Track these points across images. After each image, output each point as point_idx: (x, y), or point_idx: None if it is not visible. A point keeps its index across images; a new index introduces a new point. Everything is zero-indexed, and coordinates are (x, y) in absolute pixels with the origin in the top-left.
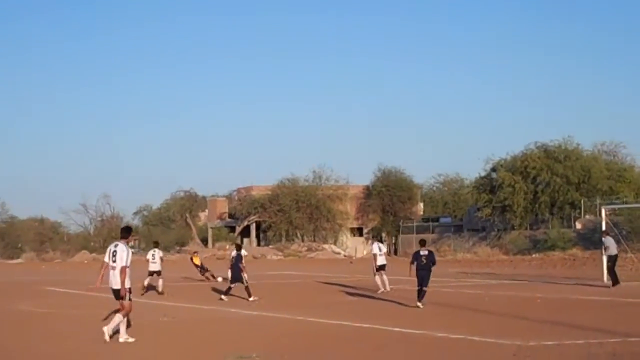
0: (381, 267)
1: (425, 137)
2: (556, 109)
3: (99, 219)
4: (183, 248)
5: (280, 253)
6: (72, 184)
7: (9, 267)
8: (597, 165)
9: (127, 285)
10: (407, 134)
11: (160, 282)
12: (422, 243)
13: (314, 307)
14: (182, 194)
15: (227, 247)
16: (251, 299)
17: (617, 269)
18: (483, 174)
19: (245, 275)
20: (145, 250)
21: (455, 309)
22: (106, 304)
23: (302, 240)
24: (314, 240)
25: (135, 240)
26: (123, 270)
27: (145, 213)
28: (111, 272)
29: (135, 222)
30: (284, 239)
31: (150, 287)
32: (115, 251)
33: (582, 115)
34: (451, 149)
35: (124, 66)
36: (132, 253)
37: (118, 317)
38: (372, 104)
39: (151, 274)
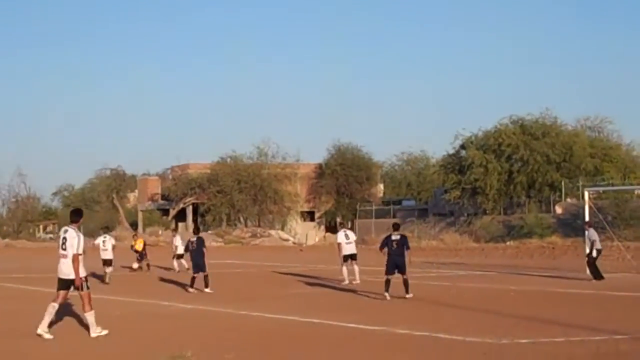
0: (351, 257)
1: (386, 111)
2: (533, 79)
3: (13, 199)
4: (109, 233)
5: (220, 239)
6: None
7: None
8: (579, 142)
9: (83, 273)
10: (365, 107)
11: (109, 270)
12: (395, 227)
13: (259, 300)
14: (108, 172)
15: (160, 232)
16: (208, 290)
17: (598, 262)
18: (451, 151)
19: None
20: None
21: (419, 302)
22: (18, 295)
23: (246, 225)
24: (259, 226)
25: (53, 224)
26: (76, 258)
27: (65, 194)
28: (62, 260)
29: (55, 203)
30: (224, 223)
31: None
32: (65, 237)
33: (562, 86)
34: (415, 124)
35: (43, 31)
36: (50, 239)
37: (90, 315)
38: (326, 71)
39: (105, 262)
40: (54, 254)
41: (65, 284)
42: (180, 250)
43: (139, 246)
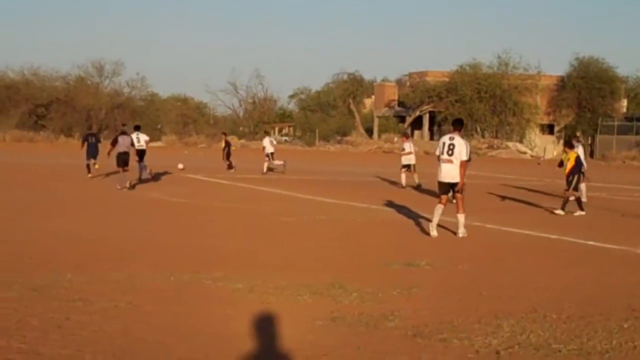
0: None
1: (630, 21)
2: None
3: (250, 100)
4: (344, 138)
5: None
6: (220, 59)
7: (148, 150)
8: None
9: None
10: (609, 17)
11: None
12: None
13: (493, 213)
14: (345, 76)
15: (395, 139)
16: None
17: None
18: None
19: None
20: (302, 139)
21: None
22: (255, 196)
23: (483, 136)
24: (496, 137)
25: (289, 127)
26: (463, 164)
27: (302, 97)
28: (446, 165)
29: (291, 106)
30: None
31: None
32: (452, 144)
33: None
34: None
35: None
36: (285, 141)
37: (461, 217)
38: None
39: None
40: (289, 156)
41: (448, 187)
42: (269, 150)
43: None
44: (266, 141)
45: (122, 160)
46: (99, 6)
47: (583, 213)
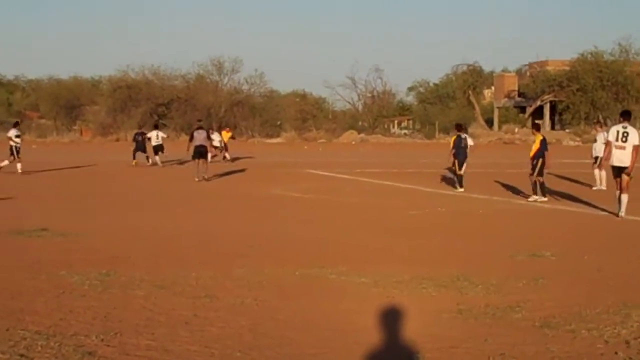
0: None
1: None
2: None
3: (369, 95)
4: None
5: (578, 138)
6: (339, 55)
7: (267, 146)
8: None
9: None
10: None
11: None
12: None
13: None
14: (464, 68)
15: (516, 130)
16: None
17: None
18: None
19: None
20: (421, 131)
21: None
22: (376, 190)
23: (605, 124)
24: None
25: (407, 120)
26: (635, 149)
27: (421, 90)
28: (618, 151)
29: (410, 99)
30: (583, 122)
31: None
32: (626, 132)
33: None
34: None
35: None
36: (405, 135)
37: (625, 197)
38: None
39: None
40: (408, 150)
41: (618, 171)
42: (154, 142)
43: (225, 138)
44: (153, 134)
45: (198, 152)
46: (217, 4)
47: (545, 199)
